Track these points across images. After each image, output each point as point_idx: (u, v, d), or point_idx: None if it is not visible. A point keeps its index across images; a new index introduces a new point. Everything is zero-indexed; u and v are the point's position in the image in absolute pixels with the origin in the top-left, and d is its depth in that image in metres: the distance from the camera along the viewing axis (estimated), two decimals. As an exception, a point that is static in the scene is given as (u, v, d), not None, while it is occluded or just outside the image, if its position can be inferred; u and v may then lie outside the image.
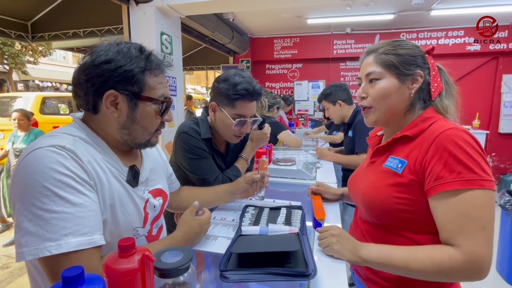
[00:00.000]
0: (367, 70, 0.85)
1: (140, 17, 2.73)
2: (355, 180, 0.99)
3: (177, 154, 1.25)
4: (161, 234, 0.94)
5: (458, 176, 0.66)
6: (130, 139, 0.77)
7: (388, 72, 0.82)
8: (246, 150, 1.33)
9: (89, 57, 0.71)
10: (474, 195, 0.64)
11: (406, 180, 0.75)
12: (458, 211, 0.65)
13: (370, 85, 0.85)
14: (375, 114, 0.86)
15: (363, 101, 0.87)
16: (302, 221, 1.00)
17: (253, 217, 1.06)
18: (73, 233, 0.59)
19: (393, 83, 0.82)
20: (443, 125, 0.74)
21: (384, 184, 0.80)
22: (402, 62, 0.81)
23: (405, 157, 0.77)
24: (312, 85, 5.59)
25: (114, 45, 0.73)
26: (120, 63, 0.69)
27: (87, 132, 0.73)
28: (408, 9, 4.17)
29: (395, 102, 0.82)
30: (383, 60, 0.83)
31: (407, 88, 0.82)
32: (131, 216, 0.77)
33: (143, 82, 0.73)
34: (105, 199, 0.70)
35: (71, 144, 0.66)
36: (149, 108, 0.75)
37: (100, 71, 0.69)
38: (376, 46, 0.86)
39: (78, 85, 0.72)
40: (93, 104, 0.72)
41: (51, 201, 0.58)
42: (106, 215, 0.70)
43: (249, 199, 1.20)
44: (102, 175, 0.70)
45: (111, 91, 0.70)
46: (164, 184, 0.96)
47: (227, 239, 0.93)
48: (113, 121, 0.74)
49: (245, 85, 1.14)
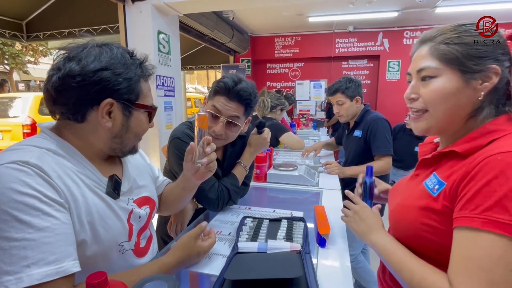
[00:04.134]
0: (419, 64, 0.66)
1: (137, 16, 2.65)
2: (394, 192, 0.84)
3: (170, 160, 1.17)
4: (151, 245, 0.87)
5: (484, 213, 0.51)
6: (120, 148, 0.73)
7: (447, 67, 0.62)
8: (244, 156, 1.25)
9: (75, 62, 0.63)
10: (495, 241, 0.50)
11: (439, 207, 0.60)
12: (469, 252, 0.52)
13: (423, 83, 0.66)
14: (428, 121, 0.67)
15: (414, 103, 0.68)
16: (304, 236, 0.92)
17: (251, 230, 0.97)
18: (37, 263, 0.51)
19: (454, 83, 0.62)
20: (508, 145, 0.55)
21: (414, 206, 0.66)
22: (469, 54, 0.61)
23: (445, 178, 0.62)
24: (314, 84, 5.50)
25: (103, 49, 0.67)
26: (118, 70, 0.65)
27: (57, 142, 0.66)
28: (413, 6, 4.07)
29: (455, 108, 0.63)
30: (441, 52, 0.63)
31: (473, 89, 0.61)
32: (115, 231, 0.70)
33: (139, 89, 0.70)
34: (81, 217, 0.62)
35: (36, 158, 0.58)
36: (141, 116, 0.73)
37: (96, 79, 0.63)
38: (433, 33, 0.66)
39: (63, 92, 0.64)
40: (83, 113, 0.66)
41: (9, 227, 0.51)
42: (84, 235, 0.63)
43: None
44: (76, 190, 0.63)
45: (108, 100, 0.65)
46: (151, 190, 0.89)
47: (222, 257, 0.85)
48: (104, 131, 0.68)
49: (227, 80, 1.07)
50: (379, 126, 1.79)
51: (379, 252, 0.70)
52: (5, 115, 5.74)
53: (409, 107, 0.70)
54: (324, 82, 5.50)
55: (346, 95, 1.89)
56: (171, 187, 1.03)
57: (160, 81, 2.74)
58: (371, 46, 5.48)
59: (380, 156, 1.77)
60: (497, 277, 0.49)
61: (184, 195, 1.02)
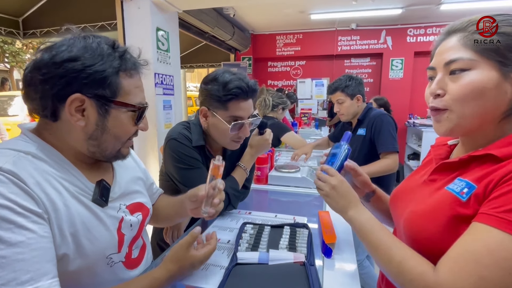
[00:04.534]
0: (449, 56, 0.58)
1: (135, 12, 2.58)
2: (401, 196, 0.76)
3: (167, 163, 1.10)
4: (144, 254, 0.81)
5: (505, 213, 0.47)
6: (98, 151, 0.65)
7: (483, 59, 0.55)
8: (245, 158, 1.18)
9: (47, 52, 0.57)
10: (505, 242, 0.46)
11: (471, 212, 0.53)
12: (472, 245, 0.49)
13: (451, 78, 0.58)
14: (452, 121, 0.59)
15: (436, 101, 0.60)
16: (308, 246, 0.85)
17: (251, 238, 0.91)
18: (8, 284, 0.46)
19: (491, 77, 0.55)
20: None
21: (439, 215, 0.58)
22: (509, 45, 0.54)
23: (476, 181, 0.55)
24: (316, 83, 5.42)
25: (80, 39, 0.60)
26: (88, 62, 0.57)
27: (38, 144, 0.60)
28: (417, 3, 3.99)
29: (489, 105, 0.56)
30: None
31: (511, 84, 0.55)
32: (102, 243, 0.64)
33: (117, 85, 0.61)
34: (63, 229, 0.57)
35: (11, 163, 0.52)
36: (123, 115, 0.64)
37: (62, 71, 0.56)
38: (464, 23, 0.59)
39: (31, 86, 0.58)
40: (52, 110, 0.59)
41: None
42: (66, 248, 0.57)
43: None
44: (57, 198, 0.57)
45: (76, 95, 0.57)
46: (145, 196, 0.84)
47: (220, 268, 0.79)
48: (78, 131, 0.61)
49: (237, 82, 0.99)
50: (384, 122, 1.72)
51: (356, 228, 0.68)
52: (5, 114, 5.71)
53: (430, 106, 0.62)
54: (326, 81, 5.42)
55: (346, 94, 1.83)
56: (164, 203, 0.96)
57: (159, 79, 2.67)
58: (374, 44, 5.39)
59: (386, 153, 1.69)
60: (491, 275, 0.46)
61: (175, 218, 0.97)
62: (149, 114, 2.67)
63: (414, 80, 5.30)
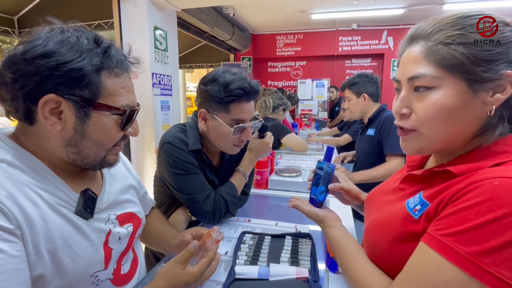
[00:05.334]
0: (411, 71, 0.52)
1: (132, 11, 2.52)
2: (372, 199, 0.74)
3: (161, 168, 1.04)
4: (136, 269, 0.75)
5: (446, 237, 0.43)
6: (79, 158, 0.59)
7: (449, 76, 0.48)
8: (244, 163, 1.12)
9: (21, 46, 0.51)
10: (443, 269, 0.43)
11: (420, 229, 0.50)
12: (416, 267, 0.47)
13: (416, 95, 0.52)
14: (420, 142, 0.54)
15: (403, 121, 0.55)
16: (312, 258, 0.79)
17: (250, 250, 0.85)
18: None
19: (458, 96, 0.48)
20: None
21: (391, 229, 0.55)
22: (477, 58, 0.46)
23: (429, 198, 0.51)
24: (316, 83, 5.36)
25: (57, 33, 0.53)
26: (64, 58, 0.50)
27: (15, 151, 0.54)
28: (419, 3, 3.94)
29: (458, 127, 0.50)
30: (441, 56, 0.48)
31: (482, 102, 0.48)
32: (85, 260, 0.58)
33: (98, 84, 0.54)
34: (39, 246, 0.51)
35: None
36: (106, 119, 0.57)
37: (33, 68, 0.49)
38: (427, 28, 0.52)
39: (2, 85, 0.52)
40: (24, 112, 0.53)
41: None
42: (42, 268, 0.51)
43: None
44: (33, 211, 0.51)
45: (50, 96, 0.51)
46: (137, 206, 0.77)
47: (216, 284, 0.73)
48: (55, 136, 0.55)
49: (239, 83, 0.93)
50: (394, 124, 1.66)
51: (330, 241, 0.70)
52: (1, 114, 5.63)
53: (397, 124, 0.57)
54: (326, 81, 5.36)
55: (352, 91, 1.80)
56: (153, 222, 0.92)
57: (157, 80, 2.61)
58: (375, 44, 5.34)
59: (392, 155, 1.63)
60: None
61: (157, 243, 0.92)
62: (147, 115, 2.61)
63: (416, 81, 5.25)
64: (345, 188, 0.84)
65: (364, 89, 1.77)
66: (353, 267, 0.61)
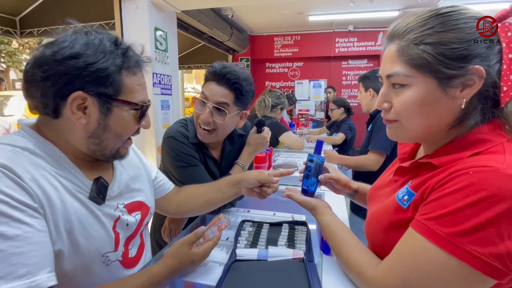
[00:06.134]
0: (388, 69, 0.57)
1: (133, 12, 2.58)
2: (373, 194, 0.79)
3: (165, 161, 1.10)
4: (143, 254, 0.80)
5: (428, 221, 0.49)
6: (98, 149, 0.64)
7: (419, 75, 0.52)
8: (243, 156, 1.18)
9: (48, 48, 0.57)
10: (425, 248, 0.49)
11: (409, 217, 0.55)
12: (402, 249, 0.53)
13: (394, 91, 0.57)
14: (400, 131, 0.60)
15: (386, 113, 0.61)
16: (307, 243, 0.85)
17: (250, 235, 0.91)
18: (5, 277, 0.45)
19: (428, 93, 0.52)
20: (487, 159, 0.48)
21: (385, 220, 0.61)
22: (445, 56, 0.50)
23: (415, 188, 0.56)
24: (314, 84, 5.44)
25: (81, 35, 0.59)
26: (90, 59, 0.56)
27: (36, 140, 0.59)
28: (414, 5, 4.03)
29: (431, 119, 0.55)
30: (409, 56, 0.52)
31: (452, 97, 0.52)
32: (98, 241, 0.63)
33: (119, 82, 0.60)
34: (58, 224, 0.56)
35: (6, 158, 0.52)
36: (125, 114, 0.63)
37: (63, 68, 0.55)
38: (401, 27, 0.55)
39: (32, 83, 0.57)
40: (53, 107, 0.58)
41: None
42: (61, 245, 0.56)
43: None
44: (53, 194, 0.56)
45: (78, 93, 0.56)
46: (146, 194, 0.82)
47: (219, 265, 0.79)
48: (79, 129, 0.60)
49: (216, 64, 1.03)
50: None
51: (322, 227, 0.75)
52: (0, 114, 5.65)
53: (383, 117, 0.62)
54: (323, 82, 5.44)
55: (362, 84, 1.88)
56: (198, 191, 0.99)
57: (157, 79, 2.67)
58: (371, 46, 5.44)
59: (373, 151, 1.71)
60: (413, 276, 0.50)
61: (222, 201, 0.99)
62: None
63: (411, 82, 5.34)
64: (334, 178, 0.89)
65: (372, 85, 1.82)
66: (344, 249, 0.66)
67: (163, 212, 0.98)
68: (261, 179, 0.92)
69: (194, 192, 0.99)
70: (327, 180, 0.90)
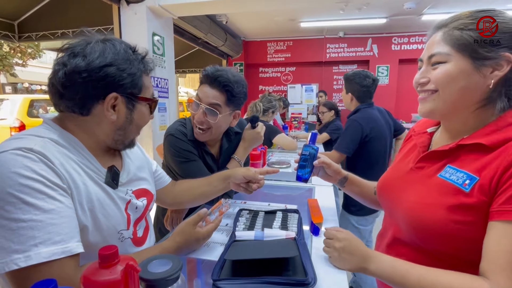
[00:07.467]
0: (432, 50, 0.65)
1: (132, 18, 2.68)
2: (390, 184, 0.80)
3: (167, 157, 1.20)
4: (147, 235, 0.89)
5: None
6: (122, 139, 0.76)
7: (458, 53, 0.62)
8: (239, 151, 1.29)
9: (80, 58, 0.66)
10: None
11: (475, 201, 0.58)
12: (501, 246, 0.53)
13: (433, 68, 0.66)
14: (436, 102, 0.66)
15: (424, 87, 0.67)
16: (299, 226, 0.96)
17: (247, 221, 1.01)
18: (44, 242, 0.54)
19: (462, 68, 0.61)
20: None
21: (440, 203, 0.63)
22: (483, 40, 0.60)
23: (476, 172, 0.59)
24: (306, 88, 5.59)
25: (107, 45, 0.69)
26: (122, 66, 0.68)
27: (59, 133, 0.68)
28: (400, 13, 4.22)
29: (463, 91, 0.62)
30: (454, 38, 0.62)
31: (483, 76, 0.60)
32: (114, 219, 0.72)
33: (141, 83, 0.73)
34: (83, 204, 0.65)
35: (40, 146, 0.61)
36: (144, 108, 0.76)
37: (103, 75, 0.66)
38: (448, 19, 0.65)
39: (70, 87, 0.66)
40: (88, 106, 0.69)
41: (17, 209, 0.53)
42: (85, 220, 0.65)
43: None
44: (77, 178, 0.65)
45: (113, 94, 0.68)
46: (150, 183, 0.92)
47: (220, 245, 0.88)
48: (108, 123, 0.71)
49: (209, 68, 1.12)
50: (350, 126, 1.85)
51: (385, 278, 0.65)
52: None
53: (419, 91, 0.70)
54: (315, 86, 5.60)
55: (345, 85, 1.96)
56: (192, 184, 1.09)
57: (154, 82, 2.76)
58: (361, 51, 5.62)
59: (335, 151, 1.85)
60: None
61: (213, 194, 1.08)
62: (145, 116, 2.75)
63: (399, 86, 5.54)
64: (326, 162, 0.99)
65: (350, 88, 1.91)
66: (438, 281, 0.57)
67: (161, 203, 1.08)
68: (247, 175, 1.02)
69: (188, 186, 1.09)
70: (321, 164, 0.99)
